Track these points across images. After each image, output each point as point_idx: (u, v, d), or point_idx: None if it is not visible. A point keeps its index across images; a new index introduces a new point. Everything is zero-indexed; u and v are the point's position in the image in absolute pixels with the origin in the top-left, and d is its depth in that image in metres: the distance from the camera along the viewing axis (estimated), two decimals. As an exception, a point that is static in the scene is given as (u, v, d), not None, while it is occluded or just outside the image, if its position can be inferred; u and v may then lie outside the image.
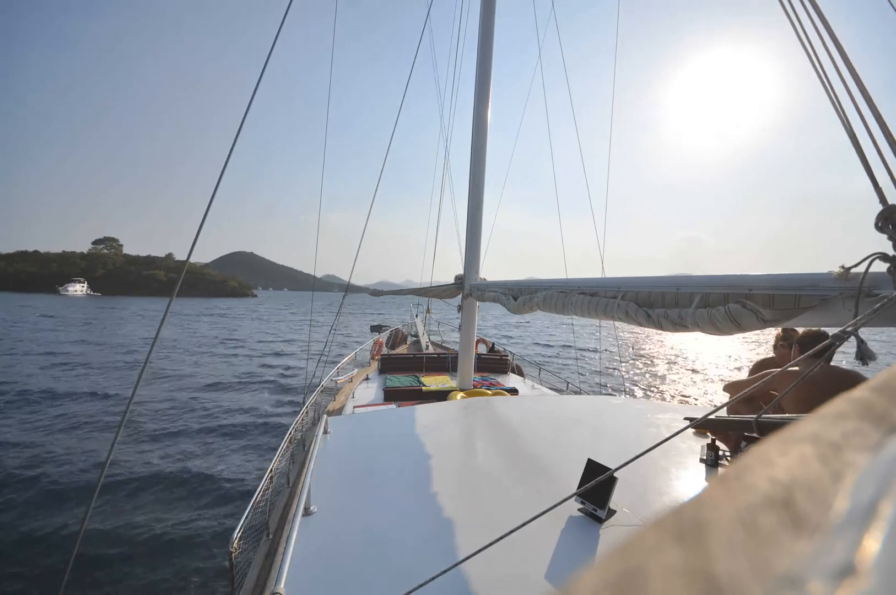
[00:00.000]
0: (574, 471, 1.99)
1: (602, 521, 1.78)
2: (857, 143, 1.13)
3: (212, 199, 2.43)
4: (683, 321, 1.65)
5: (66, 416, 9.05)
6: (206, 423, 8.90)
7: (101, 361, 15.96)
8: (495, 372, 7.19)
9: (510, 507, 1.93)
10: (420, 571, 1.31)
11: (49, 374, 13.38)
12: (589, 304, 2.26)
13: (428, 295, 5.81)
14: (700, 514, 0.14)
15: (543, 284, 3.02)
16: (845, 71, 1.19)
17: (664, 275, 1.96)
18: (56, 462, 6.60)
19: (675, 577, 0.12)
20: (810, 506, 0.14)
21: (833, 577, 0.11)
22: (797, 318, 1.31)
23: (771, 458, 0.17)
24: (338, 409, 5.07)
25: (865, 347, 0.98)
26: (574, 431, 3.06)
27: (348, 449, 2.73)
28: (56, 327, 27.88)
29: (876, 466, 0.16)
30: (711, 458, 2.41)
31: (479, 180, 5.28)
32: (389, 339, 10.92)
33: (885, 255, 1.00)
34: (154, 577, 4.13)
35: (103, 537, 4.67)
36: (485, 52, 5.34)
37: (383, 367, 7.07)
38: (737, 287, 1.49)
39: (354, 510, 1.94)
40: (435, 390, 5.54)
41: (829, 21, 1.28)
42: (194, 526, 5.00)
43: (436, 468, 2.35)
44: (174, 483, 6.07)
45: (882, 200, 1.04)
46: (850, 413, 0.20)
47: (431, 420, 3.27)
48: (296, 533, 1.60)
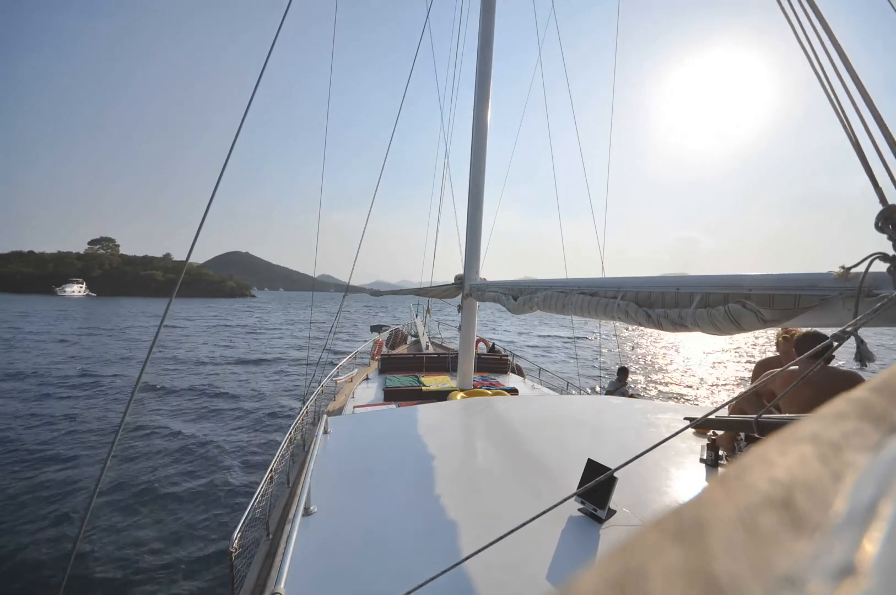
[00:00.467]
0: (574, 471, 1.99)
1: (602, 521, 1.78)
2: (857, 143, 1.13)
3: (211, 200, 2.43)
4: (683, 321, 1.65)
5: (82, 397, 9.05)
6: (206, 422, 8.90)
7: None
8: (495, 372, 7.20)
9: (510, 506, 1.93)
10: (420, 571, 1.31)
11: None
12: (589, 304, 2.26)
13: (428, 295, 5.81)
14: (700, 514, 0.14)
15: (543, 284, 3.02)
16: (844, 71, 1.19)
17: (662, 275, 1.97)
18: (55, 461, 6.61)
19: (676, 577, 0.12)
20: (810, 506, 0.14)
21: (833, 577, 0.11)
22: (797, 318, 1.31)
23: (771, 458, 0.17)
24: (338, 409, 5.07)
25: (865, 348, 0.98)
26: (574, 431, 3.06)
27: (348, 449, 2.73)
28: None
29: (876, 466, 0.16)
30: (711, 458, 2.41)
31: (479, 180, 5.29)
32: (389, 339, 10.92)
33: (885, 255, 1.00)
34: (154, 578, 4.13)
35: (103, 537, 4.67)
36: (485, 53, 5.34)
37: (383, 367, 7.07)
38: (737, 287, 1.49)
39: (354, 510, 1.94)
40: (435, 390, 5.55)
41: (827, 21, 1.28)
42: (194, 526, 5.00)
43: (436, 468, 2.35)
44: (173, 483, 6.07)
45: (882, 200, 1.04)
46: (850, 413, 0.20)
47: (431, 420, 3.27)
48: (296, 533, 1.60)
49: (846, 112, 1.17)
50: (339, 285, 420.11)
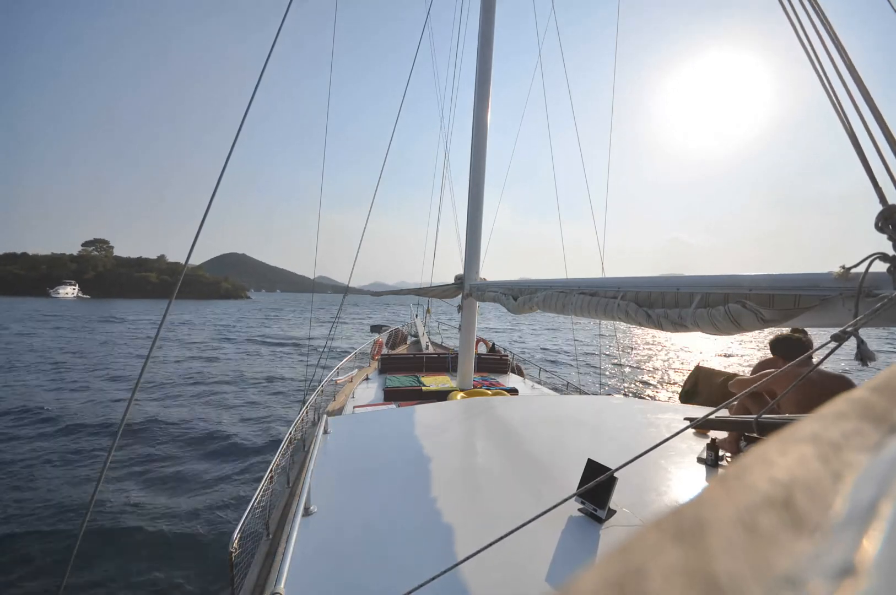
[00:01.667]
0: (574, 471, 1.99)
1: (602, 521, 1.78)
2: (857, 143, 1.13)
3: (211, 201, 2.43)
4: (683, 321, 1.65)
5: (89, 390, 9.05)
6: (206, 421, 8.90)
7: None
8: (495, 372, 7.20)
9: (510, 507, 1.93)
10: (420, 571, 1.31)
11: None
12: (589, 304, 2.26)
13: (428, 295, 5.81)
14: (700, 514, 0.14)
15: (543, 284, 3.02)
16: (845, 71, 1.19)
17: (659, 275, 1.97)
18: (55, 462, 6.61)
19: (676, 577, 0.12)
20: (810, 506, 0.14)
21: (833, 577, 0.11)
22: (797, 318, 1.31)
23: (771, 458, 0.17)
24: (338, 409, 5.07)
25: (865, 348, 0.98)
26: (574, 431, 3.06)
27: (348, 449, 2.73)
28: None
29: (876, 466, 0.16)
30: (711, 458, 2.41)
31: (479, 180, 5.29)
32: (389, 339, 10.93)
33: (885, 255, 1.00)
34: (154, 578, 4.13)
35: (103, 537, 4.67)
36: (484, 53, 5.34)
37: (383, 367, 7.07)
38: (737, 287, 1.49)
39: (354, 510, 1.93)
40: (435, 390, 5.55)
41: (829, 21, 1.28)
42: (194, 526, 5.00)
43: (436, 468, 2.35)
44: (173, 483, 6.07)
45: (882, 200, 1.04)
46: (850, 413, 0.20)
47: (431, 420, 3.27)
48: (296, 533, 1.60)
49: (846, 112, 1.17)
50: (336, 287, 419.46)
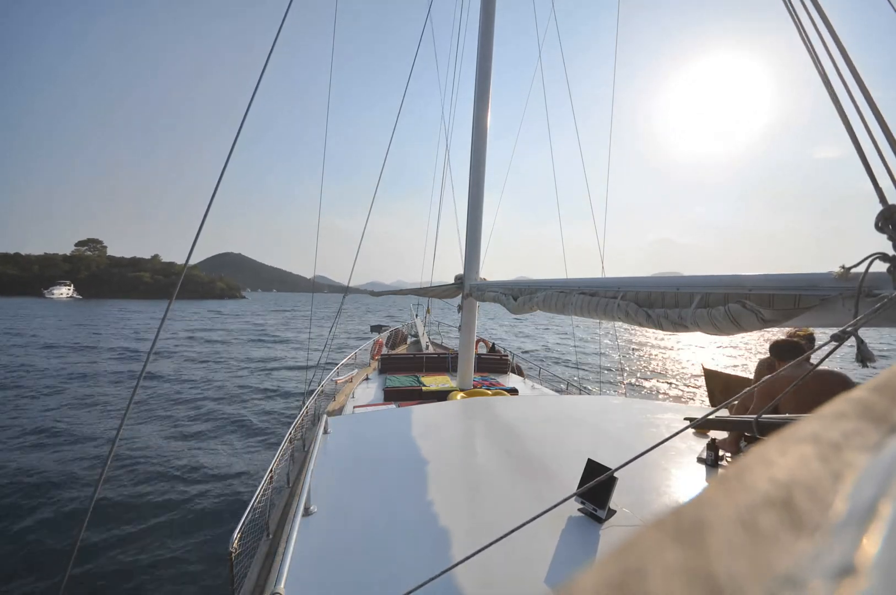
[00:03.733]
0: (574, 471, 1.99)
1: (602, 521, 1.78)
2: (858, 143, 1.13)
3: (211, 201, 2.43)
4: (683, 321, 1.65)
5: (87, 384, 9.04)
6: (205, 421, 8.90)
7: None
8: (495, 372, 7.20)
9: (510, 507, 1.93)
10: (420, 571, 1.31)
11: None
12: (589, 304, 2.26)
13: (428, 295, 5.82)
14: (700, 514, 0.14)
15: (543, 284, 3.02)
16: (846, 71, 1.19)
17: (656, 274, 1.97)
18: (55, 461, 6.61)
19: (676, 577, 0.12)
20: (810, 506, 0.14)
21: (833, 577, 0.11)
22: (797, 319, 1.31)
23: (771, 458, 0.17)
24: (338, 410, 5.07)
25: (865, 348, 0.98)
26: (574, 431, 3.06)
27: (348, 449, 2.73)
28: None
29: (876, 466, 0.16)
30: (711, 458, 2.41)
31: (479, 180, 5.29)
32: (389, 339, 10.92)
33: (885, 255, 1.00)
34: (154, 577, 4.13)
35: (103, 536, 4.67)
36: (485, 54, 5.34)
37: (383, 367, 7.07)
38: (737, 287, 1.49)
39: (354, 510, 1.93)
40: (435, 390, 5.55)
41: (831, 21, 1.28)
42: (194, 526, 5.00)
43: (436, 468, 2.35)
44: (173, 483, 6.07)
45: (882, 200, 1.04)
46: (850, 413, 0.20)
47: (431, 420, 3.27)
48: (296, 533, 1.60)
49: (847, 112, 1.17)
50: (333, 286, 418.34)
